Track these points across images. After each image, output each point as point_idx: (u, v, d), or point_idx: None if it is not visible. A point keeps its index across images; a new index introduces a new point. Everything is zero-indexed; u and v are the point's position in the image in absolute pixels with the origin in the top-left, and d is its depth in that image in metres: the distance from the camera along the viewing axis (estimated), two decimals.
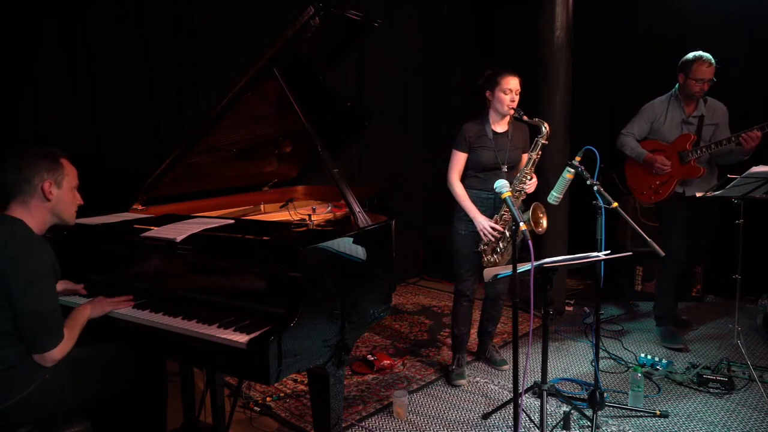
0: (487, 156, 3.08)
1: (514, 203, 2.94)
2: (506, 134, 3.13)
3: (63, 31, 3.23)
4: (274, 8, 4.10)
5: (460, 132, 3.13)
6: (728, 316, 3.77)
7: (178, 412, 2.67)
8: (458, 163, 3.14)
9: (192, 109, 3.77)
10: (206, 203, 2.99)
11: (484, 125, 3.11)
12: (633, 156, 3.64)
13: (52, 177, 1.94)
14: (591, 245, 2.66)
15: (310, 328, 1.91)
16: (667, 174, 3.52)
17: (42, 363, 1.86)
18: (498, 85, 3.01)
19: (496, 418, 2.88)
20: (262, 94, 2.53)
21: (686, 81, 3.45)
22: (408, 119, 5.27)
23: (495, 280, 2.43)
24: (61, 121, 3.25)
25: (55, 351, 1.86)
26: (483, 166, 3.10)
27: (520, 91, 3.03)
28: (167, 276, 2.23)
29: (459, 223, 3.18)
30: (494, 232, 3.02)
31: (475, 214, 3.07)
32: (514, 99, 3.02)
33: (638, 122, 3.66)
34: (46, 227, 1.99)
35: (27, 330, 1.82)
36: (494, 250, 3.08)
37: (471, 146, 3.10)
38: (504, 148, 3.11)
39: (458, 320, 3.30)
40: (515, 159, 3.16)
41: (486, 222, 3.04)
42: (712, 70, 3.40)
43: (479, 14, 5.84)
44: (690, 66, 3.42)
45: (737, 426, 2.75)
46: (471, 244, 3.14)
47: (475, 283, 3.24)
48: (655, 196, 3.60)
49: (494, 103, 3.06)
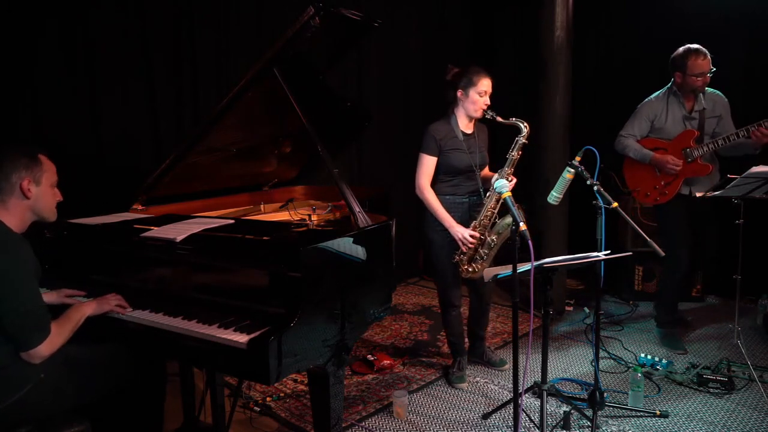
0: (460, 158, 2.98)
1: (495, 206, 2.93)
2: (473, 135, 3.06)
3: (63, 31, 3.23)
4: (274, 8, 4.10)
5: (427, 134, 2.98)
6: (728, 316, 3.76)
7: (178, 412, 2.67)
8: (428, 167, 2.99)
9: (192, 109, 3.77)
10: (206, 203, 2.99)
11: (452, 126, 3.00)
12: (637, 158, 3.50)
13: (31, 175, 1.92)
14: (591, 245, 2.66)
15: (310, 328, 1.91)
16: (673, 174, 3.41)
17: (30, 360, 1.83)
18: (473, 86, 2.91)
19: (496, 418, 2.88)
20: (262, 94, 2.53)
21: (685, 78, 3.34)
22: (408, 119, 5.26)
23: (495, 280, 2.43)
24: (61, 121, 3.25)
25: (42, 347, 1.83)
26: (456, 170, 2.99)
27: (490, 93, 2.94)
28: (167, 276, 2.23)
29: (434, 234, 3.06)
30: (472, 240, 2.93)
31: (451, 223, 2.95)
32: (488, 102, 2.93)
33: (638, 122, 3.54)
34: (26, 225, 1.97)
35: (11, 328, 1.80)
36: (472, 259, 2.99)
37: (441, 149, 2.98)
38: (474, 149, 3.02)
39: (451, 328, 3.28)
40: (484, 160, 3.10)
41: (462, 231, 2.93)
42: (709, 61, 3.31)
43: (479, 14, 5.83)
44: (685, 62, 3.32)
45: (737, 426, 2.75)
46: (449, 253, 3.04)
47: (460, 290, 3.20)
48: (661, 197, 3.47)
49: (465, 104, 2.96)
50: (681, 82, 3.39)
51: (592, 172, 2.68)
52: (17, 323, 1.81)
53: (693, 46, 3.34)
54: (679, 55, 3.37)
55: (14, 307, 1.80)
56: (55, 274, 2.42)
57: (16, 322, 1.80)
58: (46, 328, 1.86)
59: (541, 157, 4.17)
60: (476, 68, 2.96)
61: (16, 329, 1.81)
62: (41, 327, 1.85)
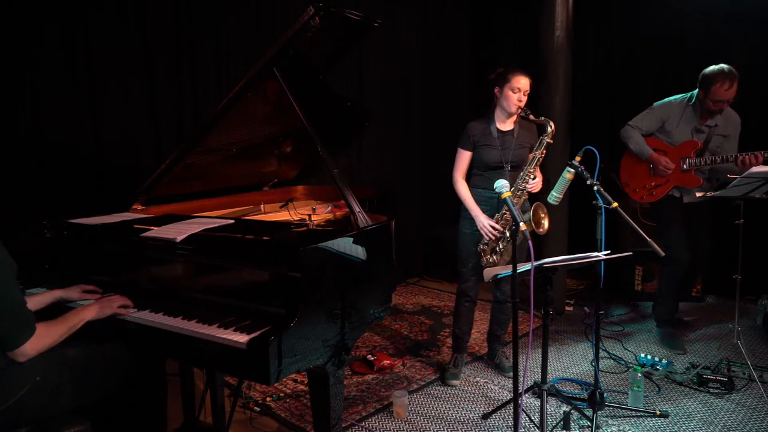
0: (491, 155, 3.08)
1: (516, 203, 2.95)
2: (512, 133, 3.12)
3: (63, 31, 3.23)
4: (274, 8, 4.10)
5: (465, 130, 3.14)
6: (728, 316, 3.77)
7: (178, 412, 2.67)
8: (462, 161, 3.15)
9: (192, 110, 3.77)
10: (206, 203, 2.99)
11: (489, 124, 3.11)
12: (636, 151, 3.54)
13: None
14: (591, 245, 2.66)
15: (310, 328, 1.91)
16: (664, 177, 3.48)
17: (16, 360, 1.81)
18: (508, 83, 3.00)
19: (496, 418, 2.88)
20: (262, 94, 2.53)
21: (706, 100, 3.32)
22: (408, 119, 5.27)
23: (495, 280, 2.43)
24: (61, 121, 3.25)
25: (27, 346, 1.80)
26: (487, 165, 3.10)
27: (528, 92, 3.03)
28: (167, 276, 2.23)
29: (464, 222, 3.18)
30: (494, 231, 3.01)
31: (477, 212, 3.07)
32: (522, 99, 3.01)
33: (649, 118, 3.55)
34: None
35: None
36: (493, 250, 3.08)
37: (475, 145, 3.11)
38: (509, 146, 3.09)
39: (459, 320, 3.29)
40: (520, 158, 3.13)
41: (486, 221, 3.04)
42: (734, 91, 3.23)
43: (479, 14, 5.84)
44: (709, 86, 3.26)
45: (737, 426, 2.75)
46: (474, 243, 3.14)
47: (477, 284, 3.24)
48: (648, 197, 3.55)
49: (501, 101, 3.05)
50: (702, 98, 3.37)
51: (592, 172, 2.68)
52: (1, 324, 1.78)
53: (726, 69, 3.25)
54: (708, 74, 3.30)
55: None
56: (55, 274, 2.42)
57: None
58: (30, 326, 1.83)
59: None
60: (514, 67, 3.06)
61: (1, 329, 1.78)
62: (25, 324, 1.82)
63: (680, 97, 3.54)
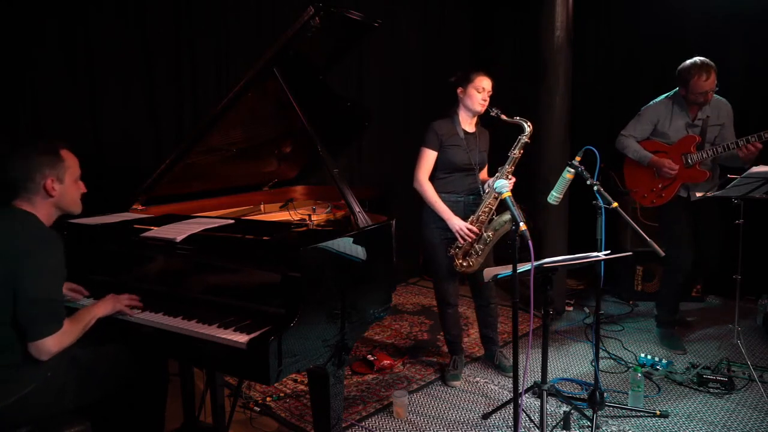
0: (458, 155, 3.03)
1: (494, 204, 2.95)
2: (474, 135, 3.11)
3: (63, 31, 3.23)
4: (274, 8, 4.10)
5: (430, 129, 3.05)
6: (728, 316, 3.76)
7: (178, 412, 2.67)
8: (428, 161, 3.05)
9: (192, 110, 3.77)
10: (206, 203, 2.99)
11: (454, 124, 3.07)
12: (636, 159, 3.52)
13: (55, 173, 1.93)
14: (591, 245, 2.66)
15: (310, 328, 1.91)
16: (670, 178, 3.44)
17: (36, 355, 1.80)
18: (471, 82, 2.99)
19: (496, 418, 2.88)
20: (262, 94, 2.53)
21: (688, 94, 3.33)
22: (408, 119, 5.27)
23: (495, 280, 2.43)
24: (61, 121, 3.25)
25: (51, 339, 1.80)
26: (455, 167, 3.04)
27: (491, 93, 3.02)
28: (167, 276, 2.23)
29: (430, 232, 3.10)
30: (470, 234, 2.96)
31: (449, 215, 2.99)
32: (486, 99, 3.00)
33: (640, 124, 3.54)
34: (52, 221, 1.98)
35: (27, 315, 1.78)
36: (467, 253, 3.02)
37: (442, 144, 3.04)
38: (474, 148, 3.08)
39: (447, 326, 3.30)
40: (483, 160, 3.14)
41: (461, 223, 2.97)
42: (712, 81, 3.24)
43: (479, 14, 5.84)
44: (687, 81, 3.28)
45: (737, 426, 2.75)
46: (446, 249, 3.08)
47: (456, 288, 3.22)
48: (658, 200, 3.50)
49: (465, 101, 3.03)
50: (685, 95, 3.39)
51: (592, 172, 2.68)
52: (34, 310, 1.78)
53: (698, 61, 3.26)
54: (684, 69, 3.32)
55: (37, 296, 1.78)
56: None
57: (33, 309, 1.78)
58: (60, 321, 1.84)
59: (541, 157, 4.16)
60: (475, 69, 3.06)
61: (31, 315, 1.78)
62: (56, 318, 1.83)
63: (663, 97, 3.53)
